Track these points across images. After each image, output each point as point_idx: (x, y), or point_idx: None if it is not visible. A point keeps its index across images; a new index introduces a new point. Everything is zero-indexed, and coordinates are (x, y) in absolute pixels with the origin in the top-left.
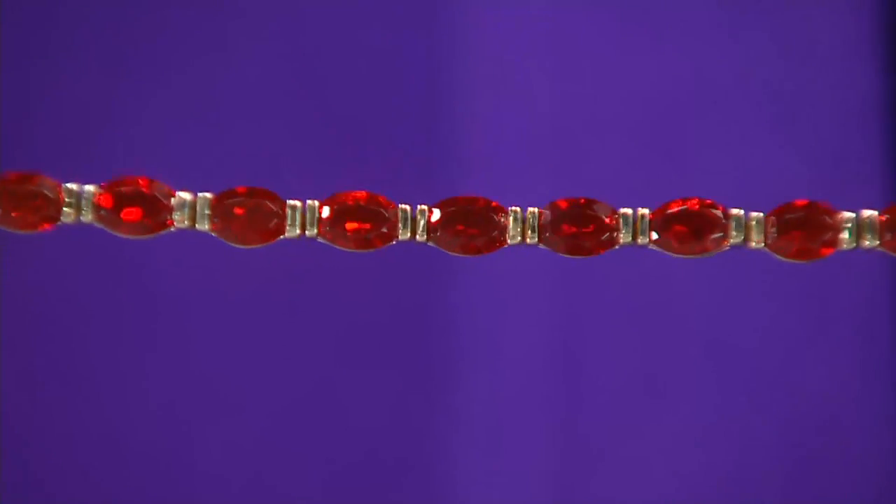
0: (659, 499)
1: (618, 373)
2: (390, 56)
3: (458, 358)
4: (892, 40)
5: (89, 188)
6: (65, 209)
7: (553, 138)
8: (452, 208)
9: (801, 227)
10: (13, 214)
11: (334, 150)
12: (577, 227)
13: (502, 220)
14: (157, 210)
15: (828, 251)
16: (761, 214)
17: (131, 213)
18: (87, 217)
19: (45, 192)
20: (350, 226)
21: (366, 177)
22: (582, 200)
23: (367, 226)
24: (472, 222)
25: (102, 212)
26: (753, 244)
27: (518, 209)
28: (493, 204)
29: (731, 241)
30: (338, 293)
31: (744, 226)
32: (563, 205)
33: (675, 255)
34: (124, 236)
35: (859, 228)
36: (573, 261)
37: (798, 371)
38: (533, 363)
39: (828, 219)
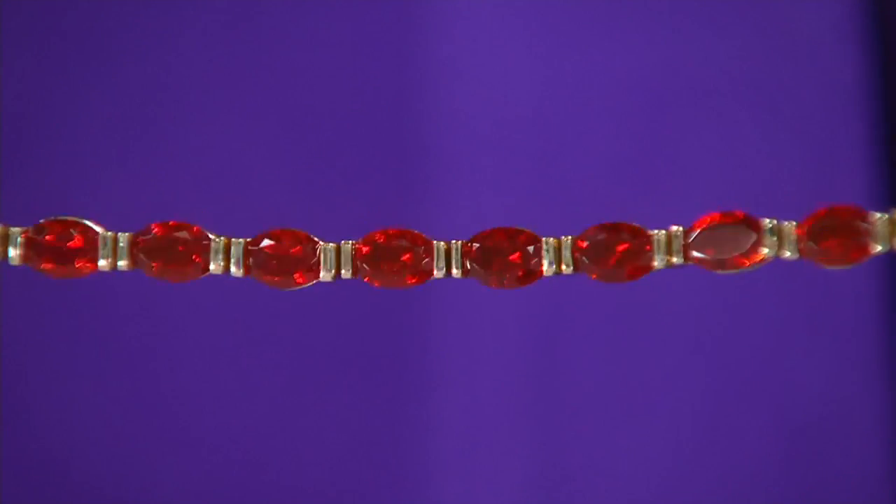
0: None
1: (602, 374)
2: (366, 69)
3: (436, 369)
4: (878, 32)
5: (124, 236)
6: (101, 261)
7: (533, 135)
8: (489, 243)
9: (837, 233)
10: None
11: (310, 166)
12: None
13: (537, 252)
14: (189, 261)
15: (864, 255)
16: (793, 224)
17: (168, 269)
18: (124, 264)
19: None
20: (387, 266)
21: (341, 186)
22: (618, 226)
23: (407, 260)
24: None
25: (141, 261)
26: (788, 255)
27: (552, 240)
28: (527, 236)
29: (767, 253)
30: (314, 305)
31: (778, 236)
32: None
33: (716, 272)
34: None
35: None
36: None
37: (787, 373)
38: (512, 368)
39: (862, 223)
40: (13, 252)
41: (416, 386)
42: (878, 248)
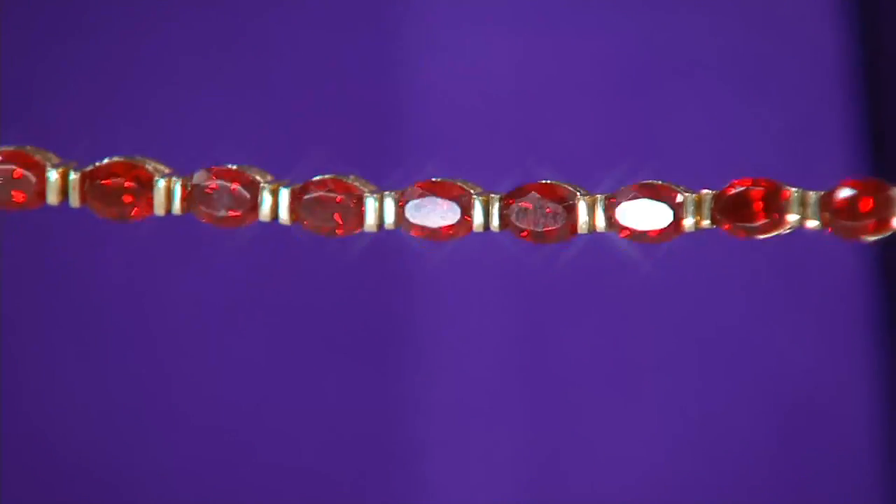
0: (638, 494)
1: (592, 361)
2: (342, 51)
3: (425, 355)
4: (861, 9)
5: (177, 182)
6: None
7: (515, 112)
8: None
9: (862, 206)
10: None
11: (290, 141)
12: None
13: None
14: (249, 205)
15: (886, 228)
16: (817, 194)
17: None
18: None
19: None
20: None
21: (323, 161)
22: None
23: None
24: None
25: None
26: (812, 224)
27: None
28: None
29: (791, 223)
30: (302, 285)
31: (801, 205)
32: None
33: (740, 238)
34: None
35: None
36: (541, 246)
37: (777, 355)
38: (505, 352)
39: (885, 195)
40: (72, 194)
41: (407, 370)
42: None
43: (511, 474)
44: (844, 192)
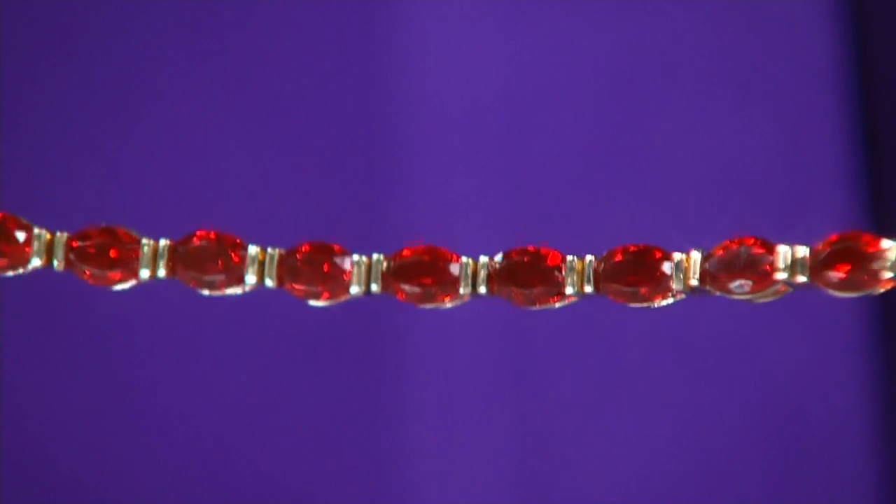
0: (636, 497)
1: (579, 373)
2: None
3: (417, 361)
4: (855, 13)
5: (164, 242)
6: (142, 272)
7: (505, 123)
8: (512, 262)
9: (848, 260)
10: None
11: (281, 160)
12: (638, 278)
13: (557, 273)
14: (231, 268)
15: (875, 284)
16: (807, 249)
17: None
18: (162, 273)
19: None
20: (409, 283)
21: (312, 180)
22: (637, 248)
23: (429, 281)
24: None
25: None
26: (798, 279)
27: (574, 258)
28: (549, 259)
29: (782, 279)
30: (294, 305)
31: (790, 264)
32: (619, 256)
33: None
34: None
35: None
36: None
37: (768, 363)
38: (490, 368)
39: (872, 250)
40: (57, 260)
41: (394, 388)
42: (890, 275)
43: (502, 479)
44: (828, 246)
